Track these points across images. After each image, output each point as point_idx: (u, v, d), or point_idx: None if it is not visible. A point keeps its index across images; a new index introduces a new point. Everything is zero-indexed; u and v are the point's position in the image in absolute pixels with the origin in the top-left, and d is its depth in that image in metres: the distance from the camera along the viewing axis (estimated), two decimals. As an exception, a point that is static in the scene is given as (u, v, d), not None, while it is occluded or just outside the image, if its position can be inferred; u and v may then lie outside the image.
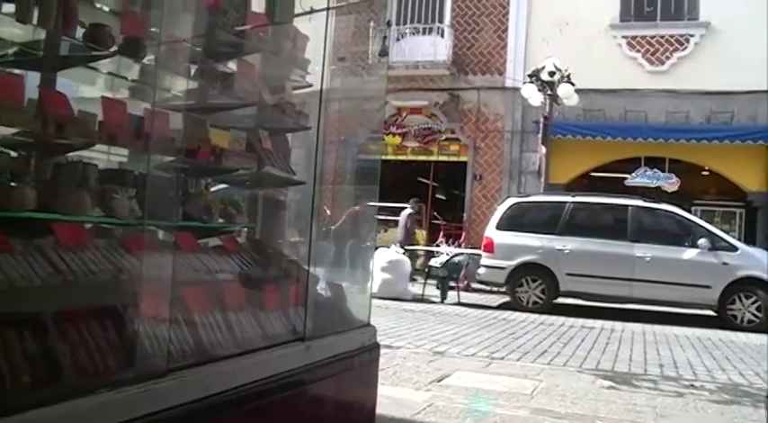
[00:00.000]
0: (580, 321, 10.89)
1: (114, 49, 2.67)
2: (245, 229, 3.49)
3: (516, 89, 17.14)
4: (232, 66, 3.40)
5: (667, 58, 17.06)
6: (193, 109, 3.16)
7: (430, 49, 18.36)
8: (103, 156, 2.88)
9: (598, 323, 10.75)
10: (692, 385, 6.38)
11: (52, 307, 2.01)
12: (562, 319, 11.16)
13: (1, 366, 1.75)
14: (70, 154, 2.70)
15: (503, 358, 7.25)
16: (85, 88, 2.98)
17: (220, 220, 3.24)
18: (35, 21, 2.37)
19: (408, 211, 15.80)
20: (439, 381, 5.80)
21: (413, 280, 13.91)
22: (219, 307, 2.55)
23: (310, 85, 3.71)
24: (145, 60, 2.81)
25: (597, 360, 7.49)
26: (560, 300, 12.67)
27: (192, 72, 3.14)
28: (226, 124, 3.30)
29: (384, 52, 4.10)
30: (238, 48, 3.37)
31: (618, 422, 4.83)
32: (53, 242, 2.26)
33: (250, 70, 3.38)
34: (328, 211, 3.97)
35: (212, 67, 3.24)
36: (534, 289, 12.40)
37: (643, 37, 17.26)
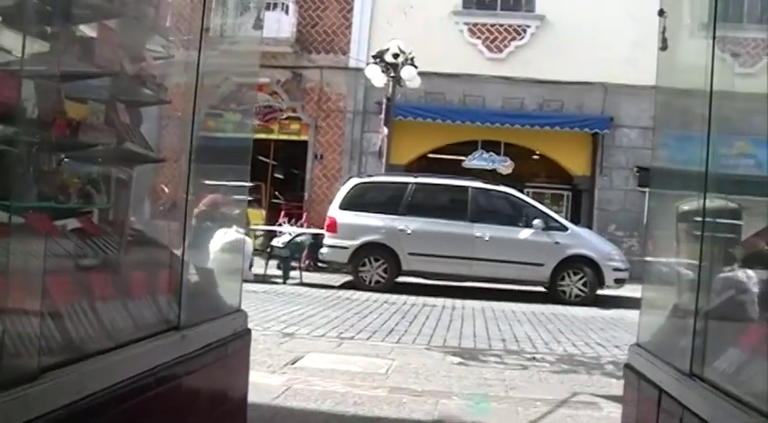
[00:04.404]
0: (422, 299, 11.19)
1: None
2: (106, 210, 3.21)
3: (359, 70, 17.21)
4: (90, 31, 3.08)
5: (505, 46, 17.81)
6: (46, 76, 2.83)
7: (274, 25, 17.91)
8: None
9: (440, 301, 11.10)
10: (534, 358, 6.75)
11: None
12: (404, 297, 11.42)
13: None
14: None
15: (352, 338, 7.30)
16: None
17: (78, 200, 2.94)
18: None
19: None
20: (293, 363, 5.75)
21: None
22: (87, 297, 2.31)
23: (172, 56, 3.47)
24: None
25: (444, 337, 7.72)
26: (402, 279, 12.94)
27: (46, 34, 2.81)
28: (83, 95, 2.98)
29: (259, 25, 3.89)
30: (97, 10, 3.06)
31: (473, 396, 4.98)
32: None
33: (111, 36, 3.08)
34: (166, 190, 3.72)
35: (68, 29, 2.92)
36: (377, 268, 12.58)
37: (483, 25, 17.91)
